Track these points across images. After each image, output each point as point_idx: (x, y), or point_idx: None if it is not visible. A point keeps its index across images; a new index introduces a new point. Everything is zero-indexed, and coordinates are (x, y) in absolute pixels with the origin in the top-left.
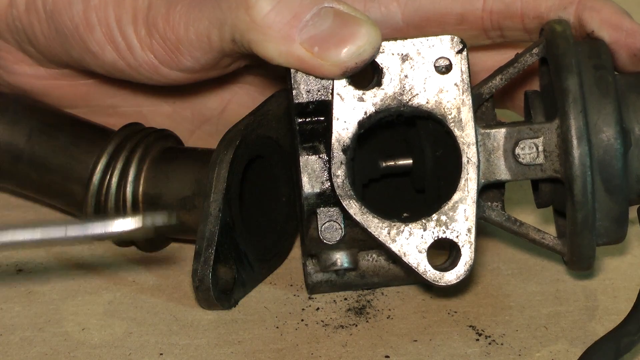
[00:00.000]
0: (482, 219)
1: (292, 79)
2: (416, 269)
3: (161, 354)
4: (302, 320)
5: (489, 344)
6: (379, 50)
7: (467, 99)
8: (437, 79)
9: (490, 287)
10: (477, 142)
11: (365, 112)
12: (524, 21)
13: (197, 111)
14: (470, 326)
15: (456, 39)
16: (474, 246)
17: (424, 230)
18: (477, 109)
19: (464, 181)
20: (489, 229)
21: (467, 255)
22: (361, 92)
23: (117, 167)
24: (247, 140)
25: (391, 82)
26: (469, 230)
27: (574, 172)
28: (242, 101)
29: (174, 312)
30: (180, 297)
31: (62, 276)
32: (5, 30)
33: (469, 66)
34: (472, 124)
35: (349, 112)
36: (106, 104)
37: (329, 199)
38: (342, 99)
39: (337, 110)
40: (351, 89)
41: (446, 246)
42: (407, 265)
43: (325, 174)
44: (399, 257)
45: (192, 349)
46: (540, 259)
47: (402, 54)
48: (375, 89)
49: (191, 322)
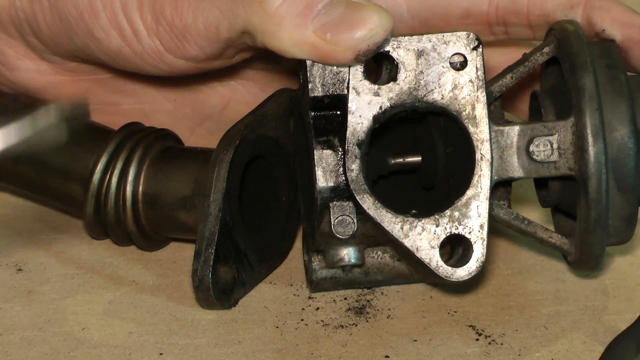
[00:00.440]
0: (490, 217)
1: (308, 72)
2: (428, 264)
3: (161, 354)
4: (302, 320)
5: (489, 343)
6: (391, 35)
7: (482, 96)
8: (452, 75)
9: (490, 287)
10: (490, 138)
11: (380, 107)
12: (530, 18)
13: (198, 108)
14: (470, 326)
15: (472, 35)
16: (485, 242)
17: (437, 226)
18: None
19: (477, 177)
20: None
21: (479, 251)
22: (377, 86)
23: (117, 166)
24: (247, 140)
25: (406, 77)
26: (481, 226)
27: (590, 170)
28: (243, 98)
29: (174, 312)
30: (180, 297)
31: (62, 276)
32: (8, 22)
33: (483, 63)
34: (486, 120)
35: (364, 106)
36: (108, 101)
37: (342, 193)
38: (358, 94)
39: (352, 104)
40: (367, 83)
41: (451, 243)
42: (419, 261)
43: (339, 168)
44: (411, 252)
45: (192, 349)
46: (540, 258)
47: (417, 50)
48: (390, 84)
49: (191, 322)
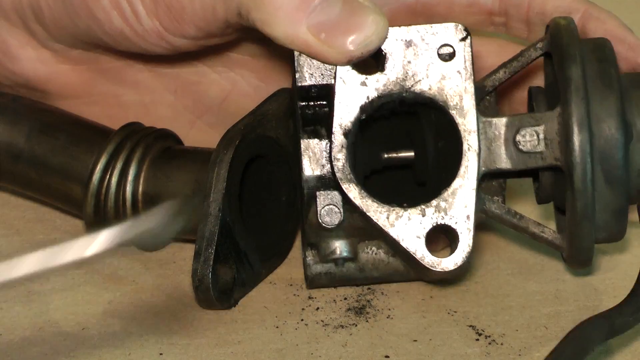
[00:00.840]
0: (482, 212)
1: (296, 61)
2: (414, 254)
3: (161, 354)
4: (302, 320)
5: (489, 343)
6: (385, 40)
7: (470, 87)
8: (440, 65)
9: (490, 287)
10: (478, 129)
11: (367, 97)
12: (529, 14)
13: (198, 100)
14: (470, 326)
15: (460, 26)
16: (472, 233)
17: (423, 216)
18: (480, 101)
19: (464, 168)
20: (489, 229)
21: (465, 242)
22: (364, 76)
23: (116, 166)
24: (247, 139)
25: (394, 67)
26: (467, 217)
27: (574, 159)
28: (243, 90)
29: (174, 311)
30: (180, 297)
31: (62, 276)
32: (10, 9)
33: (472, 54)
34: (474, 111)
35: (351, 96)
36: (109, 92)
37: (329, 182)
38: (345, 83)
39: (339, 94)
40: (354, 73)
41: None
42: (405, 251)
43: (325, 157)
44: (397, 242)
45: (192, 349)
46: (540, 258)
47: (406, 40)
48: (378, 74)
49: (191, 322)
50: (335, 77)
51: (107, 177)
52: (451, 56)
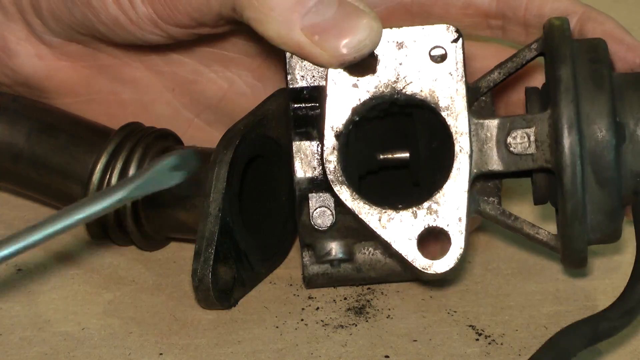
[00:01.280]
0: (477, 213)
1: (287, 63)
2: (405, 256)
3: (161, 354)
4: (302, 320)
5: (489, 343)
6: (378, 44)
7: (461, 88)
8: (431, 67)
9: (490, 287)
10: (469, 131)
11: (359, 99)
12: (526, 16)
13: (195, 99)
14: (470, 326)
15: (452, 28)
16: (464, 235)
17: (415, 218)
18: (475, 102)
19: (456, 170)
20: (488, 229)
21: (457, 244)
22: (355, 78)
23: (116, 166)
24: (247, 139)
25: (386, 69)
26: (459, 219)
27: (564, 161)
28: (240, 89)
29: (173, 311)
30: (180, 297)
31: (62, 276)
32: (8, 2)
33: (464, 56)
34: (465, 113)
35: (342, 98)
36: (107, 89)
37: (320, 184)
38: (336, 85)
39: (330, 95)
40: (345, 75)
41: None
42: (397, 253)
43: (317, 159)
44: (389, 244)
45: (192, 349)
46: (540, 258)
47: (397, 42)
48: (369, 76)
49: (191, 322)
50: (326, 79)
51: (107, 177)
52: (443, 58)
